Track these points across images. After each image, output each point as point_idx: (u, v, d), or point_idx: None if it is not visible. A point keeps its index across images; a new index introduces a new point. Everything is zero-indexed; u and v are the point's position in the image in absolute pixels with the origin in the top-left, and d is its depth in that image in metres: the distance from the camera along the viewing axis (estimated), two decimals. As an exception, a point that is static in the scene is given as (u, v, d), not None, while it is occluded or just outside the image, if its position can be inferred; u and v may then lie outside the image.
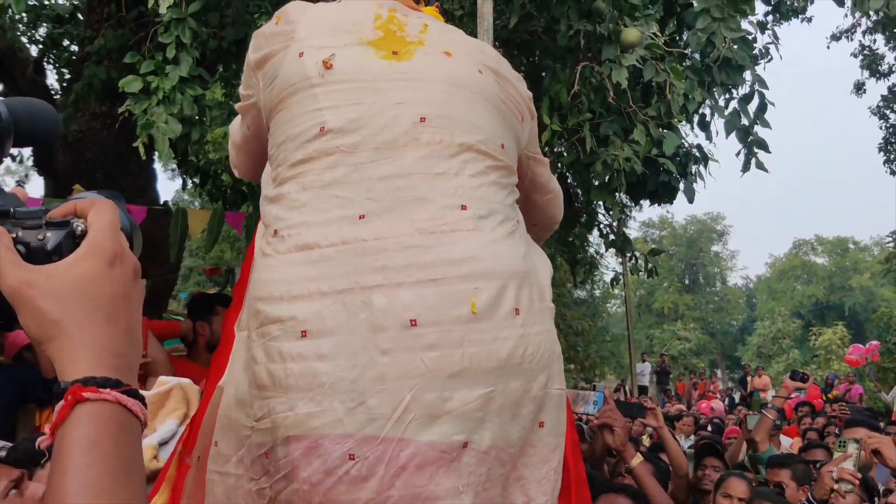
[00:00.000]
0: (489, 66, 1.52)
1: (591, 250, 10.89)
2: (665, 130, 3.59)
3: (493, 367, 1.22)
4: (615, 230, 5.67)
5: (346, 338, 1.18)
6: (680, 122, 3.59)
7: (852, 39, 12.91)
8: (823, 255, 43.04)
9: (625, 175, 3.60)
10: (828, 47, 12.43)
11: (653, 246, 43.67)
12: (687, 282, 43.01)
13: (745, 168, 3.92)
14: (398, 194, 1.30)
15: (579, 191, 4.55)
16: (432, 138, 1.35)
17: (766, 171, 3.91)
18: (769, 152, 3.89)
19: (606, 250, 5.42)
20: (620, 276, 10.48)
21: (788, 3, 10.74)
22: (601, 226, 6.14)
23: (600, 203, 4.53)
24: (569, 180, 4.59)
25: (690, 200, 4.24)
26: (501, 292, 1.27)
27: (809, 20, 12.81)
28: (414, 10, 1.64)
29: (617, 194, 3.74)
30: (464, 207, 1.31)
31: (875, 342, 14.53)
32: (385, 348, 1.17)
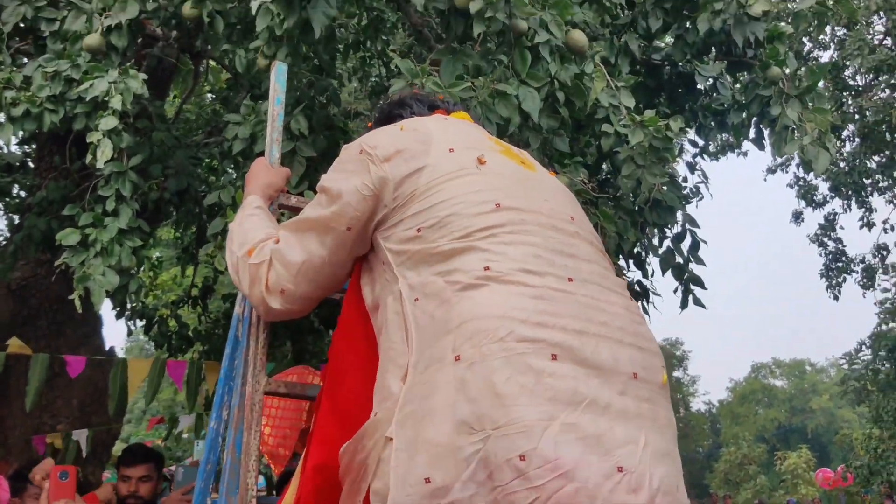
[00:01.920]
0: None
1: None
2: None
3: (674, 432, 1.40)
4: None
5: (591, 370, 1.28)
6: (614, 263, 3.67)
7: (787, 172, 13.58)
8: (782, 378, 43.36)
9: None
10: (765, 179, 13.01)
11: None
12: (650, 409, 42.70)
13: (684, 305, 4.00)
14: (591, 269, 1.45)
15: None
16: (585, 236, 1.53)
17: (703, 306, 4.00)
18: (705, 288, 4.00)
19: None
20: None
21: (717, 144, 11.31)
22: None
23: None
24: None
25: None
26: (668, 388, 1.46)
27: (745, 154, 13.50)
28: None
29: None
30: (629, 298, 1.50)
31: (841, 466, 14.48)
32: (620, 390, 1.30)
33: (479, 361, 1.26)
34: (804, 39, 12.26)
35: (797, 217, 14.15)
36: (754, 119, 3.89)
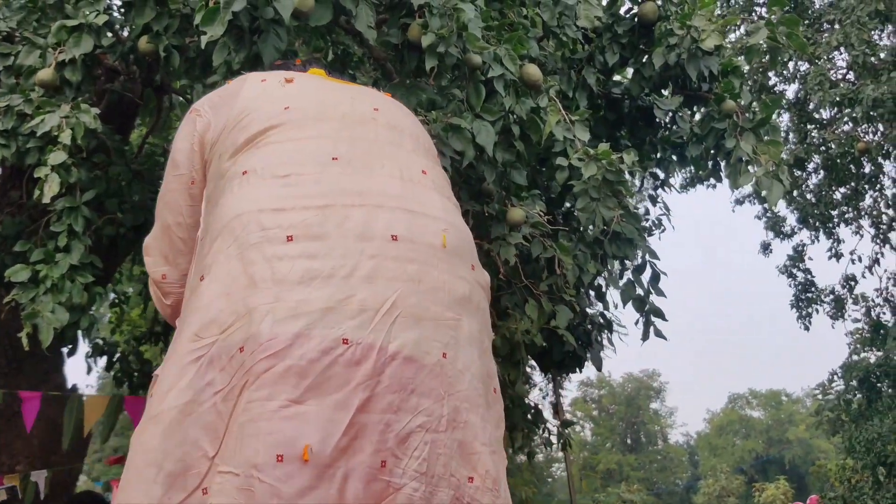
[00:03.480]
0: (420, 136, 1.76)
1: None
2: (558, 305, 3.65)
3: (458, 297, 1.34)
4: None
5: (333, 242, 1.27)
6: (572, 296, 3.67)
7: (755, 203, 13.72)
8: (759, 409, 43.47)
9: (526, 347, 3.62)
10: (733, 210, 13.13)
11: (592, 406, 43.60)
12: (629, 441, 42.62)
13: (645, 337, 3.99)
14: (367, 147, 1.45)
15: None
16: (387, 122, 1.55)
17: (664, 338, 3.99)
18: (665, 320, 3.99)
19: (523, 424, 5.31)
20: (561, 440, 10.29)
21: (685, 176, 11.40)
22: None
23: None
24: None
25: (598, 368, 4.27)
26: (462, 244, 1.42)
27: (714, 186, 13.64)
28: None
29: (521, 366, 3.73)
30: (424, 172, 1.47)
31: (814, 497, 14.45)
32: (371, 254, 1.27)
33: (217, 268, 1.29)
34: (770, 73, 12.50)
35: (766, 248, 14.28)
36: (711, 152, 3.93)
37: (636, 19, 4.05)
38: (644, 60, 4.01)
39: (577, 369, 4.23)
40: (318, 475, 1.12)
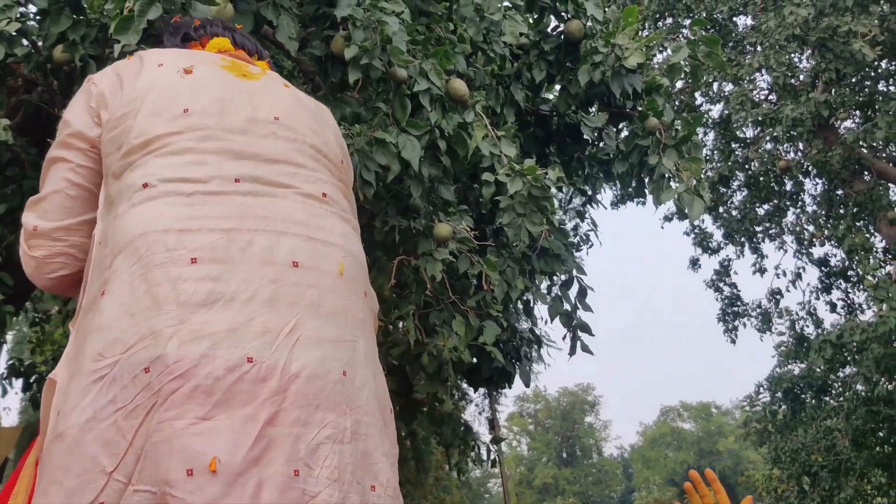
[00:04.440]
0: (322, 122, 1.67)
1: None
2: (485, 321, 3.64)
3: (354, 321, 1.38)
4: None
5: (237, 266, 1.28)
6: (499, 312, 3.66)
7: (683, 220, 14.07)
8: (690, 421, 44.39)
9: (454, 365, 3.59)
10: (661, 227, 13.44)
11: (528, 421, 43.86)
12: (565, 455, 43.00)
13: (572, 352, 4.01)
14: (268, 169, 1.43)
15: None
16: (287, 135, 1.50)
17: (591, 353, 4.02)
18: (592, 335, 4.02)
19: (454, 442, 5.31)
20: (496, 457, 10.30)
21: (616, 193, 11.61)
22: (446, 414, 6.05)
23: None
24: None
25: (527, 384, 4.27)
26: (358, 271, 1.46)
27: (644, 203, 13.94)
28: (247, 61, 1.75)
29: (448, 384, 3.70)
30: (325, 195, 1.48)
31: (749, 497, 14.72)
32: (272, 279, 1.29)
33: (116, 290, 1.28)
34: (696, 94, 12.87)
35: (694, 263, 14.63)
36: (636, 168, 3.99)
37: (562, 37, 4.11)
38: (570, 78, 4.06)
39: (507, 385, 4.23)
40: (228, 484, 1.14)
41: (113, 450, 1.17)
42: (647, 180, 3.98)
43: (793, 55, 11.09)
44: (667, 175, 3.61)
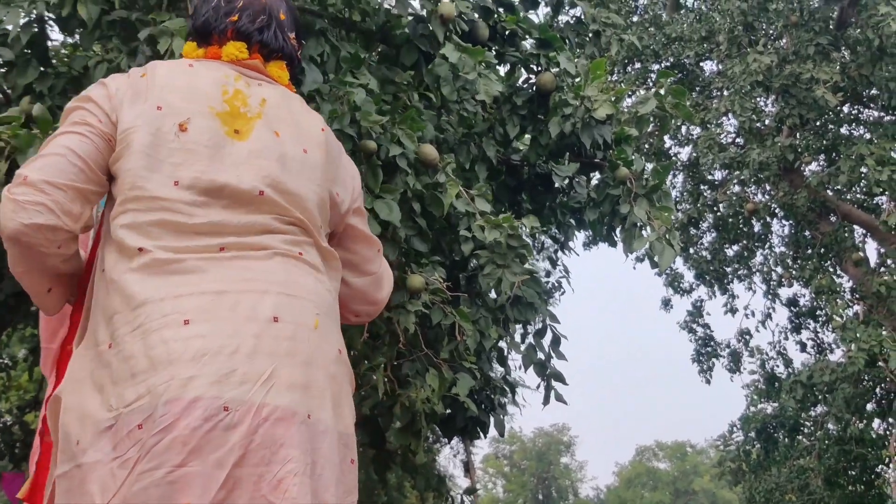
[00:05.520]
0: (316, 143, 1.73)
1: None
2: (459, 372, 3.61)
3: (326, 374, 1.51)
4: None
5: (224, 324, 1.42)
6: (472, 363, 3.64)
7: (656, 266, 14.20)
8: (665, 461, 44.28)
9: (427, 416, 3.55)
10: (634, 268, 13.55)
11: (504, 463, 43.53)
12: (541, 496, 42.61)
13: (546, 402, 3.99)
14: (249, 240, 1.54)
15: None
16: (268, 208, 1.58)
17: (564, 403, 4.00)
18: (566, 384, 4.01)
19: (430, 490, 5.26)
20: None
21: (587, 235, 11.69)
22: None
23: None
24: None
25: (501, 434, 4.24)
26: (332, 329, 1.60)
27: (615, 245, 14.06)
28: (259, 74, 1.78)
29: (421, 436, 3.65)
30: (300, 254, 1.59)
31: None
32: (255, 333, 1.43)
33: (123, 349, 1.42)
34: (665, 137, 13.10)
35: (666, 304, 14.73)
36: (607, 217, 4.02)
37: (534, 89, 4.16)
38: (541, 129, 4.10)
39: (482, 435, 4.19)
40: None
41: (104, 491, 1.34)
42: (618, 229, 4.01)
43: (758, 100, 11.35)
44: (638, 224, 3.63)
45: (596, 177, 4.35)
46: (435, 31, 3.59)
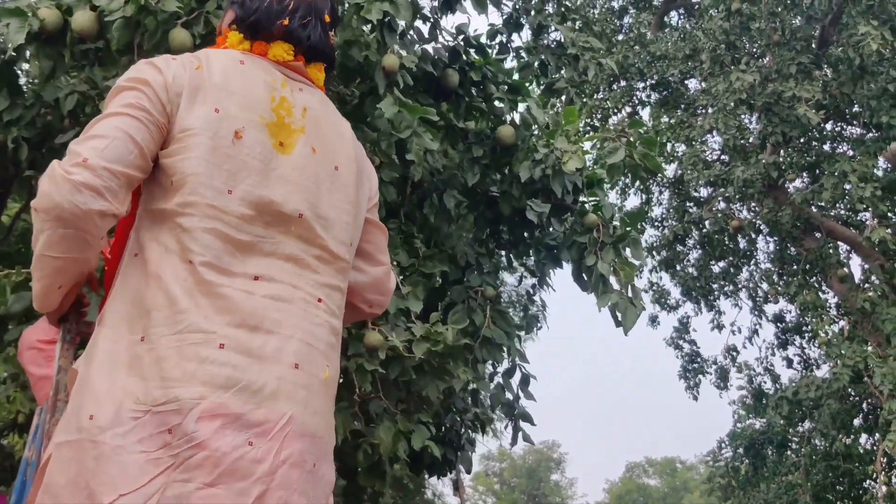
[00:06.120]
0: (348, 156, 1.78)
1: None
2: (416, 425, 3.54)
3: (326, 423, 1.62)
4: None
5: (253, 359, 1.50)
6: (427, 419, 3.58)
7: (640, 277, 14.21)
8: (655, 477, 44.11)
9: (391, 459, 3.48)
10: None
11: (494, 480, 43.28)
12: (532, 513, 42.35)
13: (513, 442, 3.94)
14: (280, 267, 1.60)
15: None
16: (302, 234, 1.64)
17: (532, 443, 3.95)
18: (534, 424, 3.96)
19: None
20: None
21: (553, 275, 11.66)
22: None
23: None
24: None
25: (468, 471, 4.22)
26: (335, 380, 1.70)
27: (587, 290, 14.03)
28: (301, 76, 1.79)
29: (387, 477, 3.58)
30: (319, 301, 1.65)
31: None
32: (278, 376, 1.51)
33: (157, 347, 1.47)
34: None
35: (653, 321, 14.70)
36: (576, 263, 3.96)
37: (494, 139, 4.11)
38: (507, 173, 4.04)
39: (449, 471, 4.14)
40: None
41: (129, 481, 1.40)
42: (587, 278, 3.95)
43: (742, 118, 11.39)
44: (605, 277, 3.58)
45: (569, 218, 4.28)
46: (377, 84, 3.54)
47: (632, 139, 3.83)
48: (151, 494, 1.38)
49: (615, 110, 13.70)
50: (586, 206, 3.85)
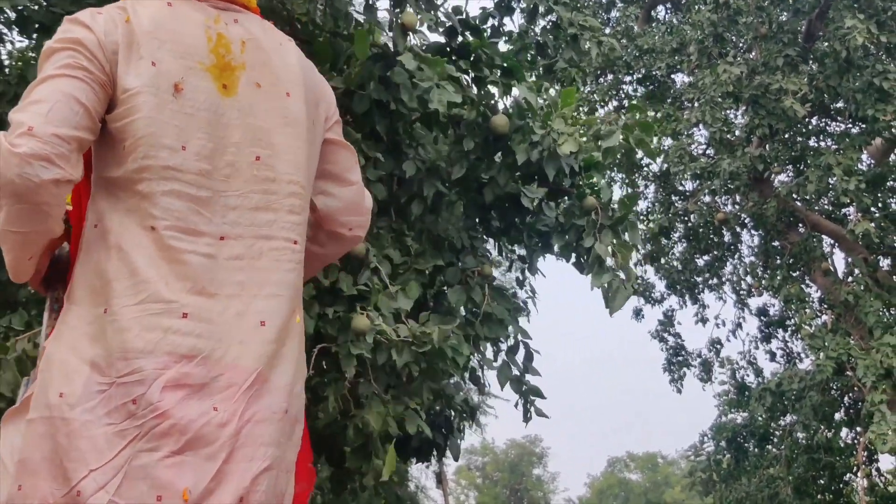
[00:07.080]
0: (296, 80, 1.70)
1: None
2: (407, 411, 3.49)
3: (300, 365, 1.65)
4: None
5: (217, 327, 1.50)
6: (418, 404, 3.54)
7: (639, 257, 14.19)
8: (636, 472, 44.37)
9: (382, 437, 3.43)
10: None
11: (476, 475, 43.39)
12: (513, 507, 42.46)
13: (527, 418, 3.91)
14: (250, 217, 1.59)
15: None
16: (267, 175, 1.61)
17: (546, 416, 3.92)
18: (544, 398, 3.93)
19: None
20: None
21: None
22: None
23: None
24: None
25: (455, 458, 4.18)
26: (302, 338, 1.70)
27: (582, 271, 14.04)
28: (233, 4, 1.70)
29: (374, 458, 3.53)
30: (295, 243, 1.64)
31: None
32: (240, 340, 1.52)
33: (119, 319, 1.46)
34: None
35: (637, 314, 14.74)
36: (573, 246, 3.94)
37: (487, 129, 4.06)
38: (500, 157, 4.00)
39: (436, 458, 4.10)
40: None
41: (97, 455, 1.40)
42: (583, 259, 3.92)
43: (728, 111, 11.41)
44: (603, 257, 3.56)
45: (563, 202, 4.24)
46: (396, 40, 3.53)
47: (629, 123, 3.81)
48: (121, 466, 1.39)
49: (602, 104, 13.70)
50: (584, 189, 3.81)
